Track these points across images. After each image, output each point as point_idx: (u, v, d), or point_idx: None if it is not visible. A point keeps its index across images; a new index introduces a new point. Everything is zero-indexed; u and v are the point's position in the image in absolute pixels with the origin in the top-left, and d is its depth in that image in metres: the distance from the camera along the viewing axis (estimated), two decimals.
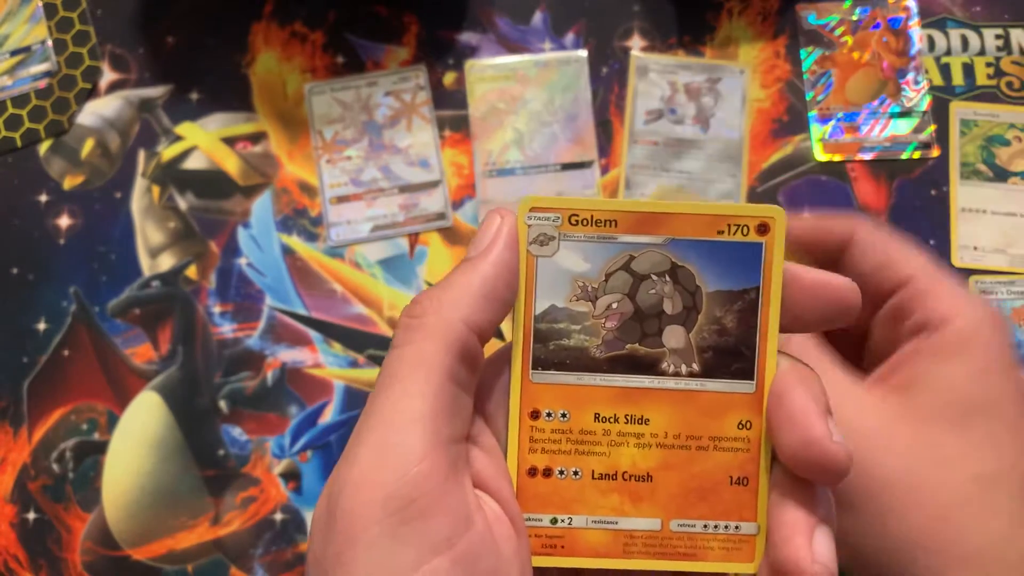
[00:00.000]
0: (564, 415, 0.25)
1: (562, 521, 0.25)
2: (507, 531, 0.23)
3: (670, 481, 0.25)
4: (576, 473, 0.25)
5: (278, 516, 0.51)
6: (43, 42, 0.58)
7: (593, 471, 0.25)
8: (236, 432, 0.52)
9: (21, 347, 0.54)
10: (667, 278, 0.25)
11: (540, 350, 0.25)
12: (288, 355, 0.53)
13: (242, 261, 0.55)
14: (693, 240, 0.24)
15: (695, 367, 0.25)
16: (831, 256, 0.32)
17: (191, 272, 0.54)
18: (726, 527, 0.25)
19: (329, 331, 0.53)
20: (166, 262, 0.55)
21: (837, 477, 0.22)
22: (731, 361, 0.25)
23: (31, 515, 0.51)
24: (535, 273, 0.25)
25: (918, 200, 0.55)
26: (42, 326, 0.54)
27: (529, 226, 0.25)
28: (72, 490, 0.52)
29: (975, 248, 0.54)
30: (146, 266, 0.55)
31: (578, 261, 0.25)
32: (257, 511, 0.51)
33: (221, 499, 0.51)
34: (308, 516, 0.51)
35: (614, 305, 0.25)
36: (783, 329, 0.25)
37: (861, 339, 0.33)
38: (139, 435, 0.52)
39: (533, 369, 0.25)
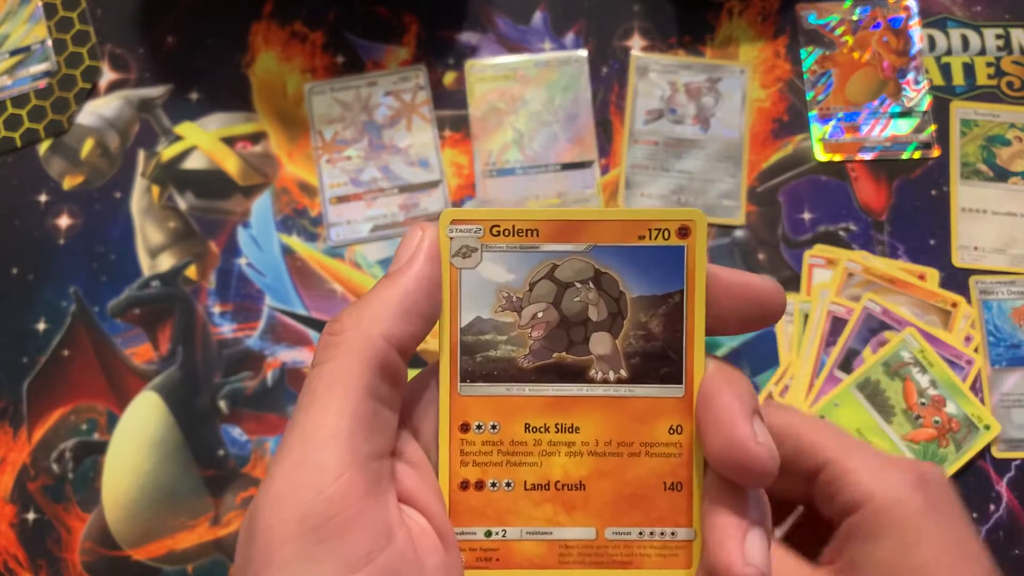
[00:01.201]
0: (494, 427, 0.25)
1: (496, 533, 0.25)
2: (433, 544, 0.23)
3: (603, 489, 0.24)
4: (508, 484, 0.25)
5: None
6: (43, 42, 0.58)
7: (525, 482, 0.25)
8: (236, 432, 0.52)
9: (21, 347, 0.54)
10: (591, 285, 0.24)
11: (467, 362, 0.25)
12: (288, 355, 0.53)
13: (242, 261, 0.55)
14: (615, 246, 0.24)
15: (623, 373, 0.25)
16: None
17: (191, 272, 0.54)
18: (662, 533, 0.24)
19: None
20: (166, 262, 0.55)
21: (762, 479, 0.22)
22: (659, 366, 0.24)
23: (31, 515, 0.51)
24: (459, 285, 0.24)
25: (918, 200, 0.55)
26: (42, 326, 0.54)
27: (451, 239, 0.24)
28: (72, 490, 0.52)
29: (975, 248, 0.54)
30: (146, 266, 0.55)
31: (501, 272, 0.25)
32: None
33: (221, 499, 0.51)
34: None
35: (539, 314, 0.24)
36: (708, 332, 0.24)
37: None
38: (139, 435, 0.52)
39: (461, 382, 0.25)
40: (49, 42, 0.58)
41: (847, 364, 0.52)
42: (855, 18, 0.58)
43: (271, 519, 0.21)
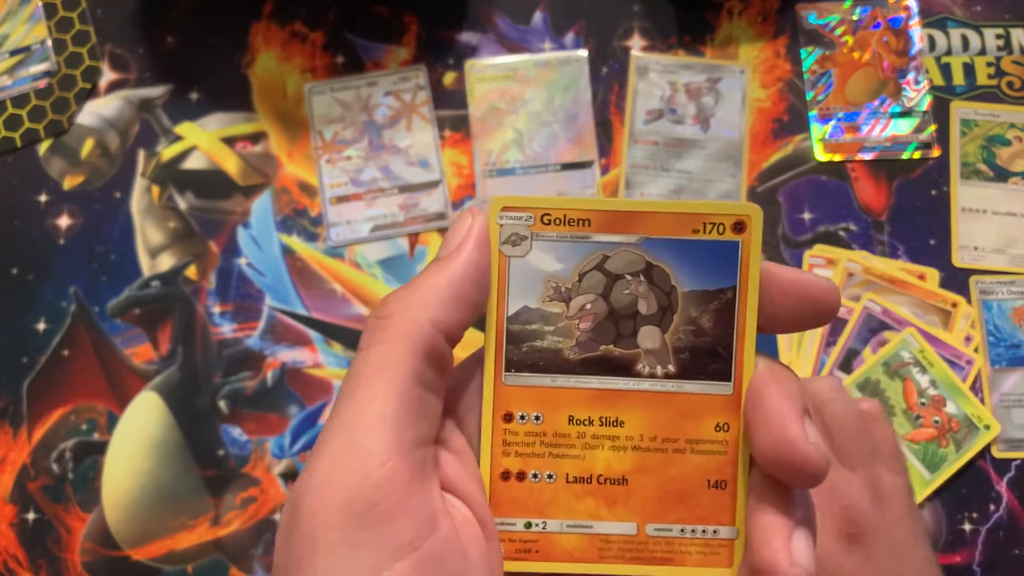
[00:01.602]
0: (538, 418, 0.24)
1: (536, 525, 0.24)
2: (475, 534, 0.23)
3: (646, 484, 0.24)
4: (550, 476, 0.24)
5: (278, 516, 0.51)
6: (43, 42, 0.58)
7: (567, 474, 0.24)
8: (236, 432, 0.52)
9: (21, 347, 0.54)
10: (641, 278, 0.24)
11: (513, 352, 0.24)
12: (288, 355, 0.53)
13: (242, 261, 0.54)
14: (668, 239, 0.24)
15: (671, 368, 0.24)
16: None
17: (191, 272, 0.54)
18: (704, 531, 0.24)
19: (329, 331, 0.53)
20: (166, 262, 0.55)
21: (813, 480, 0.22)
22: (708, 362, 0.24)
23: (31, 515, 0.51)
24: (507, 274, 0.24)
25: (918, 200, 0.55)
26: (42, 326, 0.54)
27: (501, 226, 0.24)
28: (72, 490, 0.52)
29: (975, 248, 0.54)
30: (146, 266, 0.55)
31: (551, 261, 0.24)
32: (257, 511, 0.51)
33: (221, 499, 0.51)
34: None
35: (588, 306, 0.24)
36: (760, 329, 0.24)
37: None
38: (139, 435, 0.52)
39: (506, 371, 0.24)
40: (49, 42, 0.58)
41: (847, 364, 0.52)
42: (855, 18, 0.58)
43: (315, 505, 0.21)
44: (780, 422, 0.22)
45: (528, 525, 0.24)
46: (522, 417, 0.24)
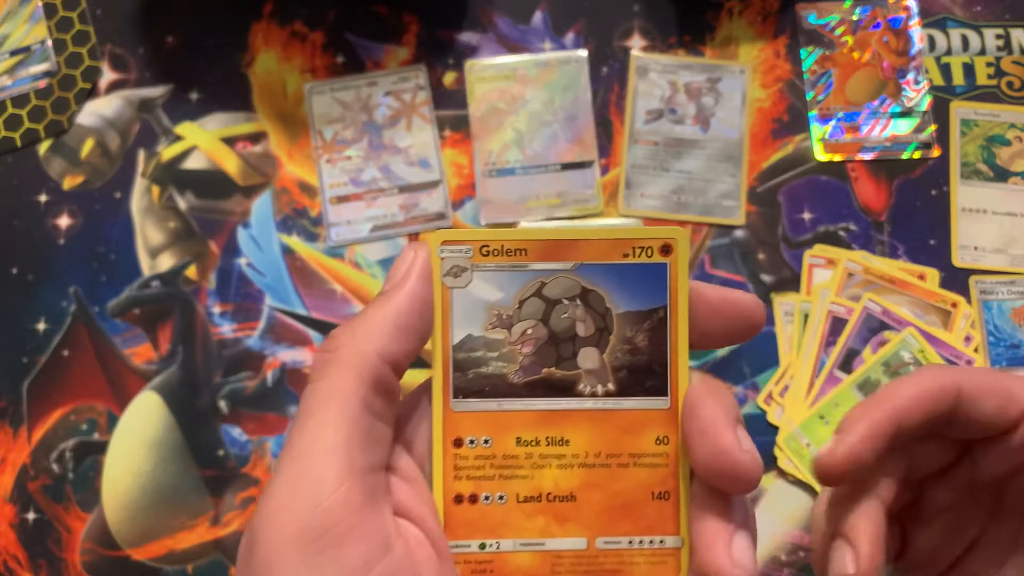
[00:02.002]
0: (487, 441, 0.25)
1: (490, 546, 0.25)
2: (428, 555, 0.24)
3: (593, 500, 0.25)
4: (501, 498, 0.25)
5: None
6: (43, 42, 0.58)
7: (518, 495, 0.25)
8: (236, 432, 0.52)
9: (21, 347, 0.54)
10: (578, 302, 0.25)
11: (460, 379, 0.25)
12: (288, 355, 0.53)
13: (242, 261, 0.55)
14: (600, 264, 0.25)
15: (611, 387, 0.25)
16: (944, 420, 0.28)
17: (191, 272, 0.54)
18: (651, 542, 0.25)
19: (329, 331, 0.53)
20: (166, 262, 0.55)
21: (748, 485, 0.23)
22: (645, 379, 0.25)
23: (31, 515, 0.51)
24: (450, 304, 0.25)
25: (918, 200, 0.55)
26: (42, 326, 0.54)
27: (442, 259, 0.25)
28: (72, 490, 0.52)
29: (975, 248, 0.54)
30: (146, 266, 0.55)
31: (492, 290, 0.25)
32: None
33: (221, 499, 0.51)
34: None
35: (529, 331, 0.25)
36: (692, 346, 0.25)
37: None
38: (139, 435, 0.52)
39: (454, 398, 0.25)
40: (49, 42, 0.58)
41: (847, 364, 0.52)
42: (855, 18, 0.58)
43: (270, 533, 0.21)
44: (714, 431, 0.23)
45: (482, 546, 0.25)
46: (471, 441, 0.25)
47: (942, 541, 0.30)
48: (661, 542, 0.25)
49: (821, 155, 0.55)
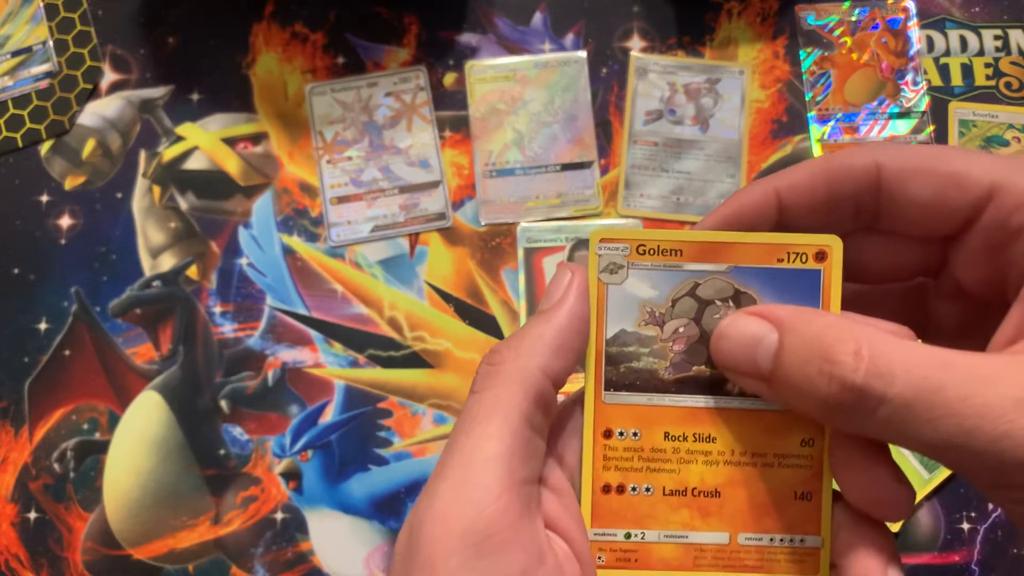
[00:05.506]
0: (635, 434, 0.26)
1: (635, 535, 0.26)
2: (575, 570, 0.24)
3: (737, 497, 0.26)
4: (648, 489, 0.26)
5: (279, 515, 0.51)
6: (44, 43, 0.58)
7: (664, 487, 0.26)
8: (237, 432, 0.52)
9: (22, 347, 0.54)
10: (730, 303, 0.26)
11: (611, 372, 0.26)
12: (289, 355, 0.53)
13: (243, 261, 0.55)
14: (754, 267, 0.26)
15: None
16: (859, 208, 0.25)
17: (192, 272, 0.54)
18: (791, 540, 0.26)
19: (330, 331, 0.54)
20: (167, 262, 0.55)
21: (901, 516, 0.23)
22: None
23: (32, 515, 0.52)
24: (605, 299, 0.26)
25: None
26: (43, 326, 0.54)
27: (599, 256, 0.26)
28: (73, 489, 0.52)
29: None
30: (147, 266, 0.55)
31: (646, 288, 0.26)
32: (258, 510, 0.51)
33: (222, 498, 0.51)
34: (308, 516, 0.51)
35: (681, 329, 0.26)
36: None
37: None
38: (140, 435, 0.52)
39: (605, 390, 0.26)
40: (50, 43, 0.58)
41: None
42: (854, 19, 0.58)
43: (435, 532, 0.22)
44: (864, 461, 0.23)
45: (628, 535, 0.26)
46: (621, 433, 0.26)
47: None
48: (802, 541, 0.26)
49: (820, 155, 0.56)
